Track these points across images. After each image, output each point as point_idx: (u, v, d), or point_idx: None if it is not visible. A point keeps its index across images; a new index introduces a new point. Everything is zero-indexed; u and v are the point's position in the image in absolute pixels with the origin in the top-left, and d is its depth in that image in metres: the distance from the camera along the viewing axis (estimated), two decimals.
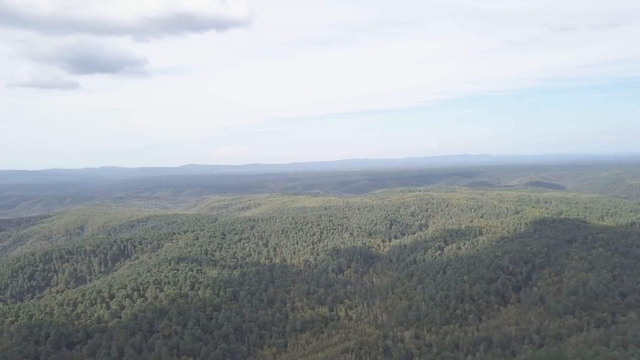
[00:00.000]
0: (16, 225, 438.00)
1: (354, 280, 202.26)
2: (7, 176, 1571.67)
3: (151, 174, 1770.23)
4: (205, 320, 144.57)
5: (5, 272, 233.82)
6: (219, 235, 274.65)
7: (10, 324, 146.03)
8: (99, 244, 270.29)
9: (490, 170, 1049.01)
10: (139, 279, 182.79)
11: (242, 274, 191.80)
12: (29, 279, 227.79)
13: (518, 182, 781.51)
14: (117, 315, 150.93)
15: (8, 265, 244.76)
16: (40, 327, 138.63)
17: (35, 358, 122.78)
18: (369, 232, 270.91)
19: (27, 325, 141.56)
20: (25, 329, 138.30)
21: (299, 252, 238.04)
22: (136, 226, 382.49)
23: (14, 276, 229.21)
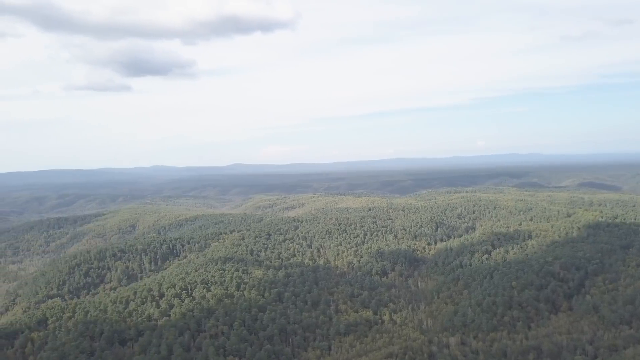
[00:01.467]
0: (73, 223, 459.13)
1: (398, 284, 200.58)
2: (65, 175, 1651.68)
3: (199, 173, 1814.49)
4: (250, 321, 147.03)
5: (63, 269, 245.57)
6: (264, 236, 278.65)
7: (67, 319, 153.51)
8: (149, 242, 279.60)
9: (540, 170, 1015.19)
10: (187, 278, 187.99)
11: (286, 274, 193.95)
12: (84, 275, 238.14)
13: (570, 183, 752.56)
14: (167, 314, 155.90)
15: (65, 262, 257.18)
16: (95, 324, 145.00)
17: (90, 354, 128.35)
18: (414, 235, 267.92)
19: (83, 321, 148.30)
20: (81, 325, 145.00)
21: (342, 254, 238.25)
22: (184, 225, 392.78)
23: (71, 273, 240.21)
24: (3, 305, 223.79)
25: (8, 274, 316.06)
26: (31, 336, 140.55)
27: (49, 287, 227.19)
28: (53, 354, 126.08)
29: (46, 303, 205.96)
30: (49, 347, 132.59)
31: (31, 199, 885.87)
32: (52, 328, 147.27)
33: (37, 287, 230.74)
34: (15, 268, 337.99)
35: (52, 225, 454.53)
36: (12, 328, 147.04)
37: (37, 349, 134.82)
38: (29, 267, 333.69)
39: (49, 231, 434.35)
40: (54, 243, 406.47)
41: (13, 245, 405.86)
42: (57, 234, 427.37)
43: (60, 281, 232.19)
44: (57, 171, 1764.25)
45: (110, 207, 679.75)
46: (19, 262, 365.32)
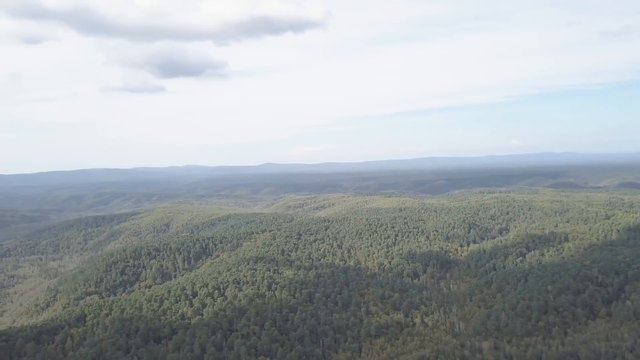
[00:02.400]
0: (110, 222, 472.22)
1: (430, 286, 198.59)
2: (102, 174, 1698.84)
3: (231, 172, 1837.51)
4: (281, 321, 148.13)
5: (100, 267, 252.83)
6: (294, 236, 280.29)
7: (105, 316, 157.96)
8: (183, 242, 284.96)
9: (577, 169, 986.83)
10: (220, 277, 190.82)
11: (317, 275, 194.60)
12: (120, 273, 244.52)
13: (609, 183, 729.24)
14: (200, 313, 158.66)
15: (103, 260, 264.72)
16: (131, 321, 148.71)
17: (126, 350, 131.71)
18: (446, 236, 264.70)
19: (120, 319, 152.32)
20: (118, 322, 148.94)
21: (373, 255, 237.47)
22: (217, 224, 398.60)
23: (108, 270, 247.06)
24: (44, 301, 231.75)
25: (49, 270, 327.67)
26: (70, 332, 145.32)
27: (87, 284, 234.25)
28: (91, 350, 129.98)
29: (85, 300, 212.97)
30: (88, 343, 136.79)
31: (70, 197, 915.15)
32: (90, 325, 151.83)
33: (76, 284, 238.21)
34: (55, 265, 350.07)
35: (90, 223, 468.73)
36: (53, 324, 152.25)
37: (76, 344, 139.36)
38: (69, 264, 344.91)
39: (87, 229, 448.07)
40: (92, 241, 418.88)
41: (53, 242, 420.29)
42: (94, 232, 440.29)
43: (98, 279, 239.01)
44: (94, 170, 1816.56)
45: (145, 206, 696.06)
46: (59, 259, 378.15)
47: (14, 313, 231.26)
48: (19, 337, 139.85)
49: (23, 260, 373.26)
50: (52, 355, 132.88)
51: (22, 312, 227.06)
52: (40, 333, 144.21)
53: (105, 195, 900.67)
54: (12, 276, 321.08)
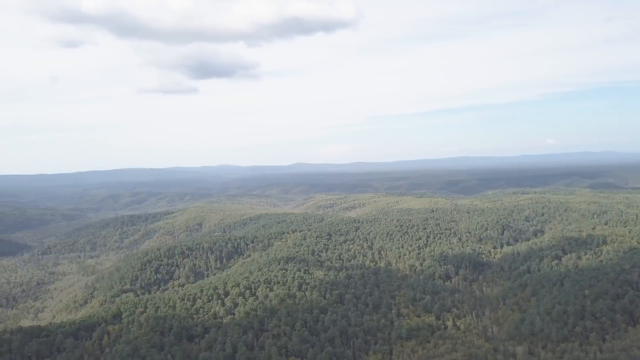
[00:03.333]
0: (144, 221, 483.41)
1: (462, 289, 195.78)
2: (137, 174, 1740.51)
3: (262, 172, 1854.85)
4: (312, 322, 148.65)
5: (135, 265, 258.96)
6: (325, 236, 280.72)
7: (140, 314, 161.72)
8: (215, 241, 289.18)
9: (616, 169, 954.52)
10: (251, 277, 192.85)
11: (347, 276, 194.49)
12: (155, 272, 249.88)
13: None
14: (231, 312, 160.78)
15: (138, 259, 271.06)
16: (165, 320, 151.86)
17: (160, 348, 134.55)
18: (479, 238, 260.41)
19: (154, 317, 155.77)
20: (152, 320, 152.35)
21: (404, 257, 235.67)
22: (248, 224, 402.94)
23: (143, 269, 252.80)
24: (82, 297, 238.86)
25: (87, 268, 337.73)
26: (107, 329, 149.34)
27: (123, 282, 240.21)
28: (127, 347, 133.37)
29: (120, 297, 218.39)
30: (123, 340, 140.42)
31: (107, 196, 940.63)
32: (126, 322, 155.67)
33: (112, 281, 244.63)
34: (93, 262, 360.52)
35: (126, 222, 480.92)
36: (91, 321, 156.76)
37: (112, 341, 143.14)
38: (105, 262, 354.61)
39: (123, 228, 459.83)
40: (128, 239, 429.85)
41: (91, 240, 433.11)
42: (130, 230, 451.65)
43: (133, 277, 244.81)
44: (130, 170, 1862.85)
45: (178, 205, 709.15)
46: (96, 256, 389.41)
47: (54, 309, 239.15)
48: (59, 332, 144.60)
49: (62, 258, 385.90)
50: (89, 351, 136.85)
51: (61, 308, 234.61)
52: (78, 329, 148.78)
53: (140, 195, 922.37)
54: (53, 273, 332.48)
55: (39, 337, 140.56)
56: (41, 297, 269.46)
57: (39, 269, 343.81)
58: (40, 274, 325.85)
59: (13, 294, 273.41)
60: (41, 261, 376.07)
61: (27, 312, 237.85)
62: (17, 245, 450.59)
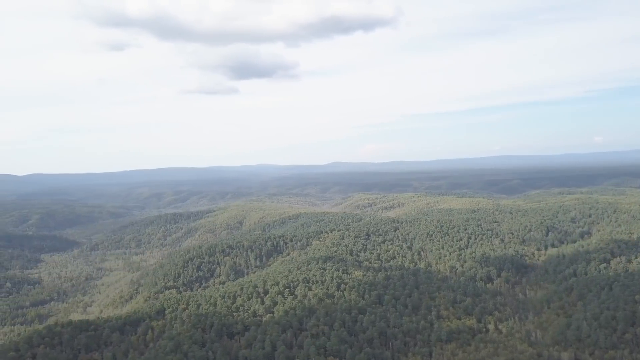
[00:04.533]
0: (187, 219, 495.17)
1: (504, 291, 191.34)
2: (180, 173, 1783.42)
3: (301, 171, 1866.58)
4: (350, 322, 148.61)
5: (178, 262, 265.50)
6: (363, 236, 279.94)
7: (182, 311, 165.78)
8: (255, 239, 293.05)
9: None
10: (290, 276, 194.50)
11: (386, 277, 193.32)
12: (197, 269, 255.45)
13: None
14: (270, 311, 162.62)
15: (180, 256, 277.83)
16: (206, 317, 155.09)
17: (202, 344, 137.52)
18: (522, 239, 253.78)
19: (196, 313, 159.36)
20: (194, 317, 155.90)
21: (444, 258, 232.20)
22: (287, 223, 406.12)
23: (185, 266, 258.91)
24: (128, 293, 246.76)
25: (132, 264, 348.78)
26: (151, 325, 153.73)
27: (166, 278, 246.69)
28: (170, 342, 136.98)
29: (164, 294, 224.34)
30: (167, 336, 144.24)
31: (151, 195, 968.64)
32: (169, 318, 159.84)
33: (156, 278, 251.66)
34: (137, 259, 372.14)
35: (169, 220, 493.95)
36: (136, 316, 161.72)
37: (156, 336, 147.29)
38: (149, 259, 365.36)
39: (166, 226, 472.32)
40: (171, 237, 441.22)
41: (136, 238, 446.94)
42: (173, 228, 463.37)
43: (176, 274, 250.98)
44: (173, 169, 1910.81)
45: (219, 204, 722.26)
46: (141, 253, 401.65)
47: (101, 303, 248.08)
48: (106, 327, 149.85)
49: (109, 254, 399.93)
50: (134, 345, 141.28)
51: (108, 303, 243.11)
52: (124, 324, 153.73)
53: (182, 193, 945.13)
54: (100, 268, 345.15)
55: (88, 331, 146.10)
56: (89, 291, 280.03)
57: (87, 265, 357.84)
58: (88, 270, 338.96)
59: (64, 289, 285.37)
60: (89, 257, 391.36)
61: (76, 306, 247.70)
62: (67, 241, 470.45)
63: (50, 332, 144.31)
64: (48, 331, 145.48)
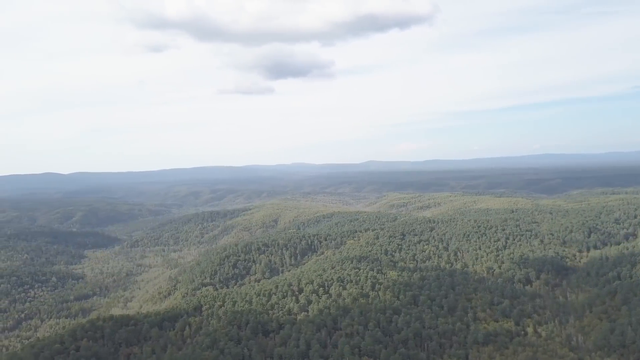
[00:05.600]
0: (223, 217, 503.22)
1: (543, 294, 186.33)
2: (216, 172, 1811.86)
3: (335, 170, 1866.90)
4: (385, 322, 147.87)
5: (215, 260, 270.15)
6: (398, 236, 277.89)
7: (218, 307, 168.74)
8: (289, 238, 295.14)
9: None
10: (324, 275, 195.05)
11: (421, 277, 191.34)
12: (233, 267, 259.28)
13: None
14: (305, 309, 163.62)
15: (217, 254, 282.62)
16: (242, 314, 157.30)
17: (237, 341, 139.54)
18: (563, 240, 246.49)
19: (232, 311, 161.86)
20: (230, 314, 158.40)
21: (481, 259, 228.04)
22: (322, 222, 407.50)
23: (221, 264, 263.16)
24: (166, 289, 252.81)
25: (170, 261, 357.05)
26: (189, 321, 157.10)
27: (203, 275, 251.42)
28: (206, 339, 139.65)
29: (201, 290, 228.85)
30: (203, 332, 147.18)
31: (189, 193, 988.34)
32: (205, 315, 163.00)
33: (193, 275, 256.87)
34: (176, 256, 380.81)
35: (206, 218, 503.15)
36: (174, 312, 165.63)
37: (193, 332, 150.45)
38: (187, 256, 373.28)
39: (203, 224, 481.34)
40: (208, 234, 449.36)
41: (174, 235, 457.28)
42: (210, 226, 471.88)
43: (212, 271, 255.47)
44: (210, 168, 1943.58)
45: (255, 202, 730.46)
46: (179, 250, 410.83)
47: (141, 299, 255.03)
48: (145, 322, 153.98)
49: (149, 251, 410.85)
50: (172, 341, 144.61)
51: (147, 299, 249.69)
52: (163, 320, 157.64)
53: (219, 192, 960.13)
54: (140, 265, 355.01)
55: (128, 326, 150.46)
56: (130, 287, 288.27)
57: (128, 261, 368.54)
58: (129, 266, 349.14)
59: (105, 284, 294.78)
60: (130, 253, 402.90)
61: (117, 301, 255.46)
62: (109, 238, 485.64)
63: (93, 326, 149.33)
64: (91, 325, 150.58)
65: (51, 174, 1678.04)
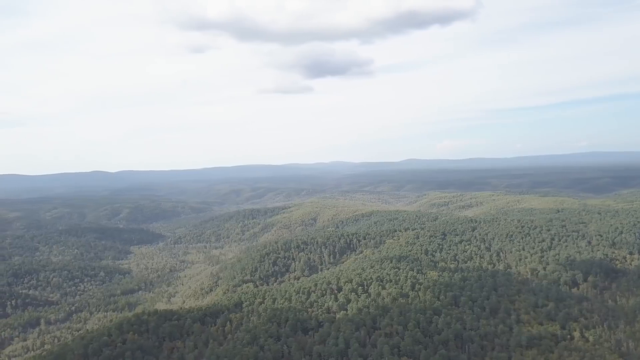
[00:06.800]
0: (263, 215, 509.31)
1: (591, 297, 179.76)
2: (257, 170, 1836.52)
3: (374, 168, 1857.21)
4: (425, 323, 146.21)
5: (255, 257, 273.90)
6: (439, 235, 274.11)
7: (258, 304, 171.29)
8: (328, 236, 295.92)
9: None
10: (363, 274, 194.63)
11: (462, 278, 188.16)
12: (272, 264, 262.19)
13: None
14: (344, 308, 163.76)
15: (257, 251, 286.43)
16: (281, 311, 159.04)
17: (277, 338, 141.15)
18: (612, 242, 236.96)
19: (272, 308, 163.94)
20: (270, 311, 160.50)
21: (525, 260, 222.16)
22: (360, 220, 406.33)
23: (261, 261, 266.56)
24: (208, 285, 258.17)
25: (212, 257, 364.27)
26: (229, 317, 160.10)
27: (243, 272, 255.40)
28: (247, 335, 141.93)
29: (241, 287, 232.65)
30: (244, 328, 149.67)
31: (230, 191, 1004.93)
32: (246, 311, 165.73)
33: (234, 271, 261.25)
34: (217, 253, 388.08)
35: (247, 215, 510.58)
36: (215, 308, 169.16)
37: (234, 328, 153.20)
38: (228, 253, 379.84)
39: (244, 221, 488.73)
40: (248, 232, 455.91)
41: (216, 232, 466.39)
42: (250, 223, 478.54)
43: (253, 268, 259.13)
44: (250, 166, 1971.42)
45: (294, 200, 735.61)
46: (220, 247, 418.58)
47: (184, 294, 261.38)
48: (188, 317, 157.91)
49: (191, 247, 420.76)
50: (214, 336, 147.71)
51: (190, 294, 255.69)
52: (204, 315, 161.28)
53: (259, 190, 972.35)
54: (183, 261, 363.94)
55: (171, 320, 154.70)
56: (173, 282, 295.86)
57: (171, 257, 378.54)
58: (172, 262, 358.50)
59: (150, 279, 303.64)
60: (173, 250, 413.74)
61: (161, 296, 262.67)
62: (153, 234, 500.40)
63: (138, 320, 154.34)
64: (136, 319, 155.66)
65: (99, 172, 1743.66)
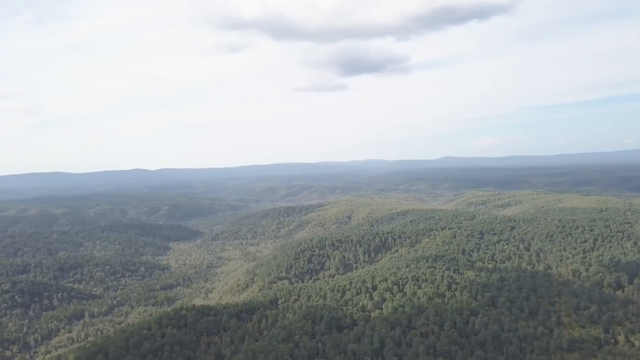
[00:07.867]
0: (299, 212, 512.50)
1: (637, 300, 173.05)
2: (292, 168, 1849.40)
3: (409, 166, 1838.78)
4: (461, 323, 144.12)
5: (290, 254, 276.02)
6: (476, 235, 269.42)
7: (294, 301, 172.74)
8: (363, 234, 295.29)
9: None
10: (399, 273, 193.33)
11: (500, 278, 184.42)
12: (307, 261, 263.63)
13: None
14: (379, 307, 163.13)
15: (292, 248, 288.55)
16: (316, 309, 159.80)
17: (312, 336, 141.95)
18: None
19: (307, 305, 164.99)
20: (305, 308, 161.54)
21: (566, 260, 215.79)
22: (396, 219, 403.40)
23: (296, 258, 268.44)
24: (244, 282, 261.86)
25: (248, 254, 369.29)
26: (265, 313, 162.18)
27: (279, 269, 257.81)
28: (282, 332, 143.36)
29: (277, 284, 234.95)
30: (279, 325, 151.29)
31: (266, 189, 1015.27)
32: (281, 308, 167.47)
33: (270, 268, 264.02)
34: (253, 250, 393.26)
35: (282, 213, 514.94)
36: (251, 304, 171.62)
37: (269, 325, 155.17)
38: (264, 250, 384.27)
39: (279, 218, 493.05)
40: (284, 229, 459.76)
41: (252, 229, 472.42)
42: (286, 221, 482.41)
43: (288, 265, 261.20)
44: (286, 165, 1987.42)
45: (329, 198, 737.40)
46: (256, 244, 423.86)
47: (221, 290, 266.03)
48: (225, 313, 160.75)
49: (228, 244, 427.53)
50: (250, 332, 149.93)
51: (226, 290, 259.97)
52: (241, 311, 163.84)
53: (295, 188, 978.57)
54: (220, 257, 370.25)
55: (209, 316, 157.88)
56: (210, 279, 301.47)
57: (209, 254, 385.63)
58: (209, 258, 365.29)
59: (188, 275, 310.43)
60: (210, 246, 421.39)
61: (199, 292, 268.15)
62: (191, 231, 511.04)
63: (177, 315, 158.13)
64: (175, 314, 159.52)
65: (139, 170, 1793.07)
